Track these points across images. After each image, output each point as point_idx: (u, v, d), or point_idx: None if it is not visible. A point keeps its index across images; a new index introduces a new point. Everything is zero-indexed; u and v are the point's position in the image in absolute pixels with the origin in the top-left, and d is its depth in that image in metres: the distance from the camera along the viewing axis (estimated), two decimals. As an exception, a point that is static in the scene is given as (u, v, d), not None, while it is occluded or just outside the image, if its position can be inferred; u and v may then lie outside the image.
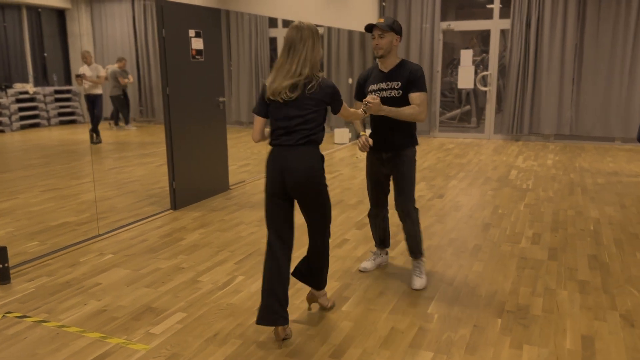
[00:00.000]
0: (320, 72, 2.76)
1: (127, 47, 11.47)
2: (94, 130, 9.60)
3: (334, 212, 5.16)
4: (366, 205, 5.41)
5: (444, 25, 9.73)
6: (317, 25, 9.53)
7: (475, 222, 4.87)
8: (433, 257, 4.00)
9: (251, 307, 3.22)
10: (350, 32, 10.08)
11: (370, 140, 3.22)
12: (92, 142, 9.58)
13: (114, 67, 10.68)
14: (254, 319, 3.07)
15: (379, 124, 3.38)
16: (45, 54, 13.21)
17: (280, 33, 10.71)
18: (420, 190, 6.04)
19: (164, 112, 5.06)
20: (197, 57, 5.33)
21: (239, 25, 10.82)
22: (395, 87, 3.28)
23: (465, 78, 9.74)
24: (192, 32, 5.24)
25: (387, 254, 3.83)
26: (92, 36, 13.24)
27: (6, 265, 3.55)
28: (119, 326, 3.00)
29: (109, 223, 4.86)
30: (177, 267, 3.84)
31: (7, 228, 4.72)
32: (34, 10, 12.67)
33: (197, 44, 5.31)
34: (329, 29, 10.26)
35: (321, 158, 2.78)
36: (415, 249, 3.52)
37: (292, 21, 11.04)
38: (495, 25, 9.44)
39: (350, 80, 10.13)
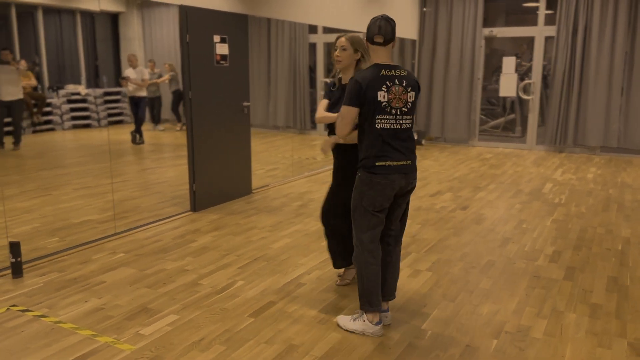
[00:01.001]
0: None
1: (173, 51, 11.83)
2: (137, 131, 9.92)
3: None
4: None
5: (486, 31, 9.47)
6: (355, 32, 9.48)
7: (494, 236, 4.69)
8: (439, 272, 3.88)
9: (243, 313, 3.21)
10: (390, 38, 9.96)
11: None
12: (134, 142, 9.90)
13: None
14: (243, 325, 3.06)
15: None
16: (98, 57, 13.77)
17: (320, 39, 10.74)
18: (444, 201, 5.88)
19: (186, 116, 5.16)
20: (221, 62, 5.41)
21: (278, 32, 10.93)
22: None
23: (507, 86, 9.44)
24: (217, 38, 5.32)
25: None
26: (142, 40, 13.71)
27: (19, 259, 3.70)
28: (111, 325, 3.06)
29: (129, 222, 4.98)
30: (182, 269, 3.88)
31: (34, 223, 4.93)
32: (88, 14, 13.24)
33: (222, 49, 5.39)
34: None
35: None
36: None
37: (327, 28, 11.08)
38: (540, 32, 9.10)
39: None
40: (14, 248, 3.68)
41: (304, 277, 3.75)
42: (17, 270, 3.71)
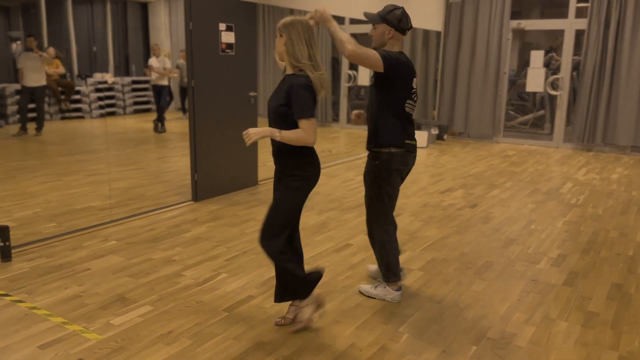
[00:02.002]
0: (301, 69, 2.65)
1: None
2: (159, 120, 9.98)
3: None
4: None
5: (514, 23, 9.12)
6: (364, 22, 9.28)
7: (499, 236, 4.48)
8: (432, 271, 3.72)
9: (218, 307, 3.14)
10: (414, 30, 9.73)
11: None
12: (156, 131, 9.96)
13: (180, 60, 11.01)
14: (215, 319, 2.99)
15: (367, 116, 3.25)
16: (128, 46, 13.93)
17: (347, 30, 10.56)
18: (454, 198, 5.68)
19: (189, 105, 5.11)
20: (227, 50, 5.33)
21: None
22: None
23: (535, 81, 9.08)
24: (222, 26, 5.25)
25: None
26: (169, 30, 13.80)
27: (7, 244, 3.72)
28: (84, 313, 3.03)
29: (128, 210, 4.98)
30: (169, 259, 3.84)
31: (36, 208, 4.98)
32: (120, 3, 13.40)
33: (228, 37, 5.31)
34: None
35: (296, 153, 2.68)
36: (382, 274, 3.31)
37: (344, 18, 10.89)
38: (570, 25, 8.70)
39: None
40: (3, 232, 3.70)
41: (289, 272, 3.64)
42: (5, 254, 3.73)
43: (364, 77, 10.06)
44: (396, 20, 2.98)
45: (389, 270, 3.21)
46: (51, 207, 5.03)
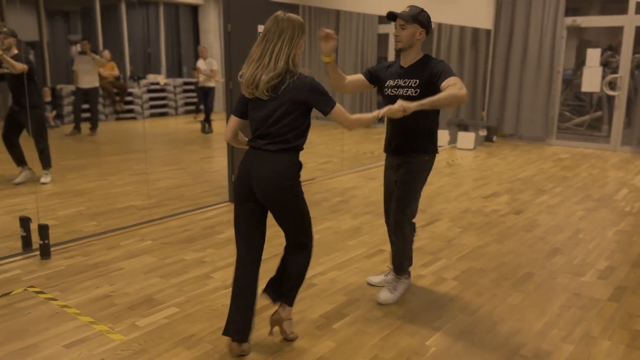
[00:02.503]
0: (301, 69, 2.54)
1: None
2: (206, 121, 10.13)
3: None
4: (429, 218, 5.01)
5: (569, 20, 8.71)
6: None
7: (542, 246, 4.26)
8: (466, 282, 3.56)
9: (243, 311, 3.10)
10: (462, 29, 9.46)
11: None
12: (203, 131, 10.13)
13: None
14: (239, 324, 2.96)
15: (395, 125, 3.07)
16: (180, 48, 14.23)
17: (390, 29, 10.42)
18: (498, 204, 5.45)
19: (225, 106, 5.12)
20: (266, 52, 5.31)
21: (346, 23, 10.71)
22: (412, 85, 2.94)
23: (591, 80, 8.64)
24: (261, 28, 5.23)
25: (409, 275, 3.46)
26: (218, 32, 14.00)
27: (46, 242, 3.83)
28: (112, 313, 3.07)
29: (167, 210, 5.05)
30: (200, 261, 3.85)
31: (80, 207, 5.13)
32: (172, 6, 13.72)
33: (266, 39, 5.29)
34: (439, 25, 9.74)
35: (294, 165, 2.56)
36: (399, 267, 3.25)
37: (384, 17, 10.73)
38: (630, 21, 8.22)
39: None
40: (42, 230, 3.82)
41: (317, 277, 3.58)
42: (45, 252, 3.84)
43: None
44: (427, 21, 2.88)
45: (407, 260, 3.26)
46: (94, 205, 5.17)
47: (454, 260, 3.94)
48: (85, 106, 9.51)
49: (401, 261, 3.24)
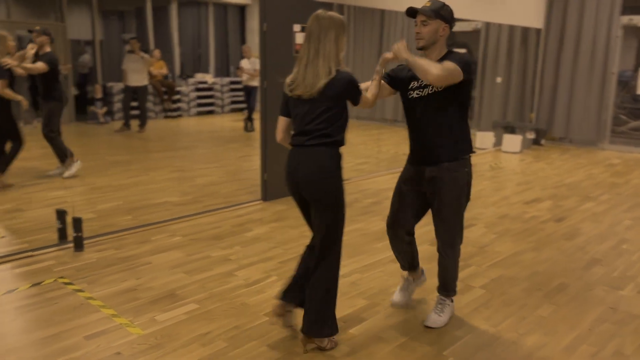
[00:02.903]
0: (340, 66, 2.56)
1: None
2: (249, 119, 10.24)
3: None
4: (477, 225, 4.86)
5: (625, 19, 8.27)
6: (467, 20, 8.84)
7: (582, 255, 4.05)
8: (495, 291, 3.42)
9: (260, 310, 3.10)
10: (512, 28, 9.17)
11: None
12: (245, 130, 10.24)
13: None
14: (255, 323, 2.95)
15: (418, 130, 2.91)
16: (229, 47, 14.42)
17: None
18: (539, 210, 5.23)
19: (260, 105, 5.15)
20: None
21: (391, 22, 10.58)
22: None
23: (648, 83, 8.19)
24: (297, 27, 5.23)
25: (422, 273, 3.32)
26: (265, 31, 14.09)
27: (80, 234, 3.95)
28: (134, 307, 3.13)
29: (200, 206, 5.12)
30: (225, 258, 3.88)
31: (119, 201, 5.27)
32: (221, 6, 13.94)
33: (302, 39, 5.28)
34: (487, 25, 9.47)
35: (335, 158, 2.59)
36: (448, 286, 2.99)
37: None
38: (694, 19, 7.73)
39: (498, 79, 9.24)
40: (76, 224, 3.94)
41: (340, 279, 3.52)
42: (78, 244, 3.96)
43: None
44: (450, 16, 2.75)
45: (454, 281, 3.01)
46: (132, 200, 5.30)
47: (484, 267, 3.80)
48: (134, 104, 9.81)
49: (452, 280, 2.99)
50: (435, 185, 2.83)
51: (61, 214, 4.09)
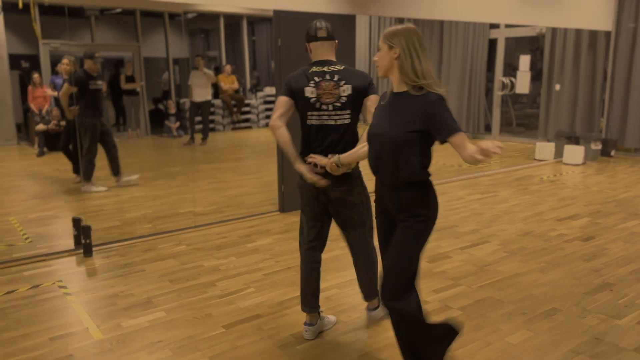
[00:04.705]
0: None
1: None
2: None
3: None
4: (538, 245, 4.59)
5: None
6: (521, 26, 8.35)
7: (592, 279, 3.69)
8: (472, 314, 3.21)
9: (221, 322, 3.14)
10: (578, 32, 8.56)
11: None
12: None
13: None
14: (209, 334, 3.00)
15: None
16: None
17: (501, 34, 9.80)
18: (570, 227, 4.83)
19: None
20: (320, 64, 5.31)
21: (452, 31, 10.29)
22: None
23: None
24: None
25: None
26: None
27: (88, 241, 4.23)
28: (108, 312, 3.30)
29: (221, 216, 5.27)
30: (215, 268, 3.97)
31: (148, 210, 5.56)
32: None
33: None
34: (553, 30, 8.91)
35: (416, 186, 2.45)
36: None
37: (472, 23, 10.01)
38: None
39: (557, 87, 8.62)
40: (85, 231, 4.22)
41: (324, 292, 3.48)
42: (87, 250, 4.25)
43: (523, 84, 9.15)
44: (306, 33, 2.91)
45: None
46: (159, 209, 5.58)
47: (475, 287, 3.58)
48: (198, 118, 10.31)
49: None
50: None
51: (76, 222, 4.40)
